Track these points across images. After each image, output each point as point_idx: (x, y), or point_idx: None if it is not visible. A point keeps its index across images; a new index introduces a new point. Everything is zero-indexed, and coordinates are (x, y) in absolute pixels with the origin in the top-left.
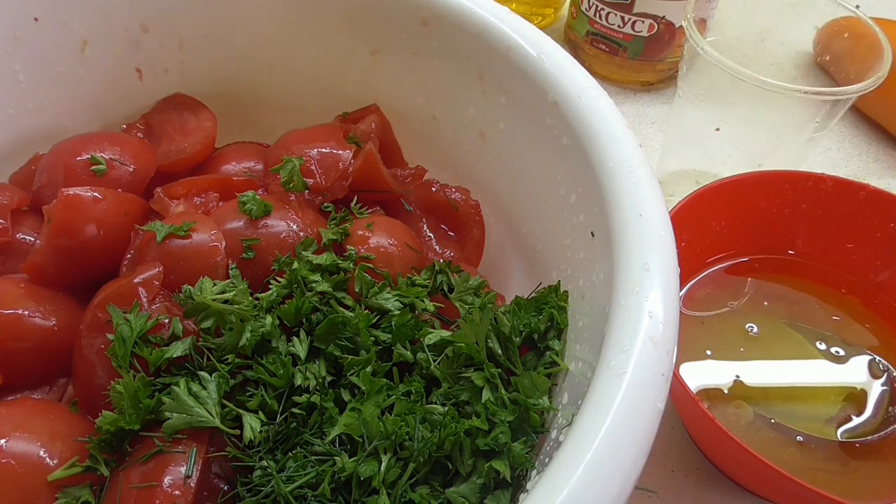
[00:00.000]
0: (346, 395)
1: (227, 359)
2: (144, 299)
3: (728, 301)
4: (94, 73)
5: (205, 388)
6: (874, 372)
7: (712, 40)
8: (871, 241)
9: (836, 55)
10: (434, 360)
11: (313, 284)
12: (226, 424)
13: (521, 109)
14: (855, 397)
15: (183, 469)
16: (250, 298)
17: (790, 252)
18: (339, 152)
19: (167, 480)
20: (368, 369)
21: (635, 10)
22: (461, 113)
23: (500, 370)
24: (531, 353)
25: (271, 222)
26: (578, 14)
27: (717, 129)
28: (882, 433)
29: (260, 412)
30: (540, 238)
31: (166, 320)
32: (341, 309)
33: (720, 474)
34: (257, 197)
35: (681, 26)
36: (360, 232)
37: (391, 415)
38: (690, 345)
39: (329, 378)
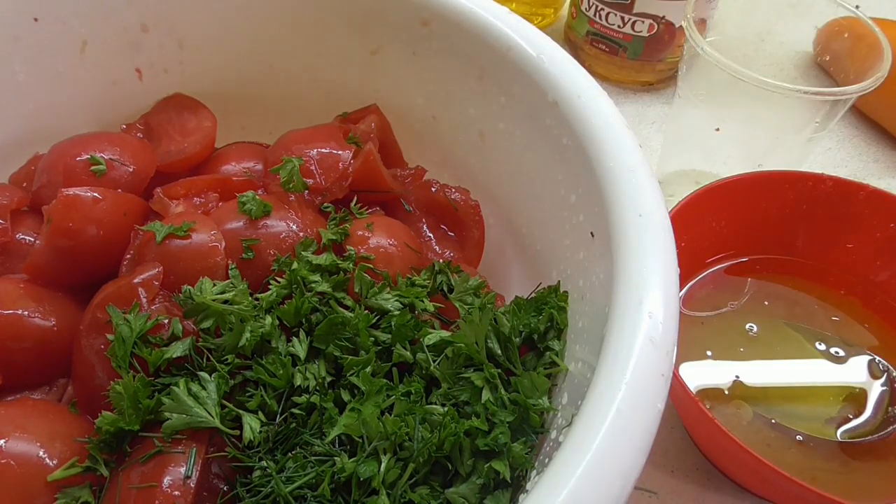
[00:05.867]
0: (345, 396)
1: (227, 359)
2: (144, 299)
3: (728, 301)
4: (94, 73)
5: (204, 388)
6: (874, 372)
7: (712, 40)
8: (871, 241)
9: (836, 55)
10: (434, 361)
11: (313, 285)
12: (225, 425)
13: (521, 110)
14: (855, 397)
15: (182, 469)
16: (250, 299)
17: (790, 252)
18: (339, 152)
19: (167, 481)
20: (368, 370)
21: (635, 10)
22: (461, 113)
23: (499, 370)
24: (531, 353)
25: (271, 222)
26: (578, 14)
27: (717, 129)
28: (882, 433)
29: (260, 412)
30: (540, 238)
31: (166, 321)
32: (341, 309)
33: (720, 474)
34: (257, 197)
35: (681, 26)
36: (359, 232)
37: (391, 415)
38: (690, 345)
39: (329, 378)
